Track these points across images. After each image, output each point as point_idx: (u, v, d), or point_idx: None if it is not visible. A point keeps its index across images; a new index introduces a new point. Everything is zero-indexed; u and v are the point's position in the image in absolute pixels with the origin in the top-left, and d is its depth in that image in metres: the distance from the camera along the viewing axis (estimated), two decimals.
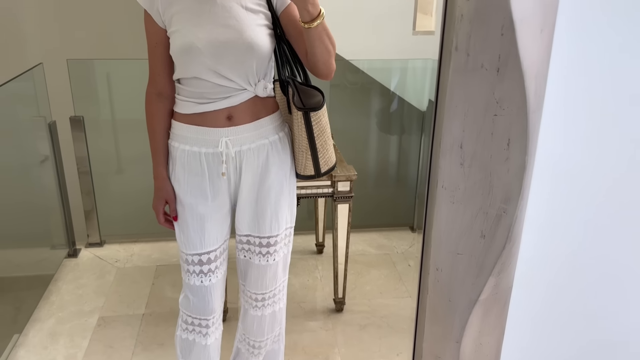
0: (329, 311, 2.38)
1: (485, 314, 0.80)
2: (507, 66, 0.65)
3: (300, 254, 2.84)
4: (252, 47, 1.31)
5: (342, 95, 3.21)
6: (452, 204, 0.73)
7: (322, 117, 1.40)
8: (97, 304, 2.43)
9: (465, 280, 0.77)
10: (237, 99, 1.37)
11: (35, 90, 2.62)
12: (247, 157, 1.41)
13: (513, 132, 0.68)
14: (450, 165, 0.71)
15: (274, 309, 1.61)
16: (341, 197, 2.20)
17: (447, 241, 0.75)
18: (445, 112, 0.69)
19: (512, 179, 0.71)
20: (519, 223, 0.75)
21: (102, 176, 2.96)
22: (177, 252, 2.85)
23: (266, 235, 1.49)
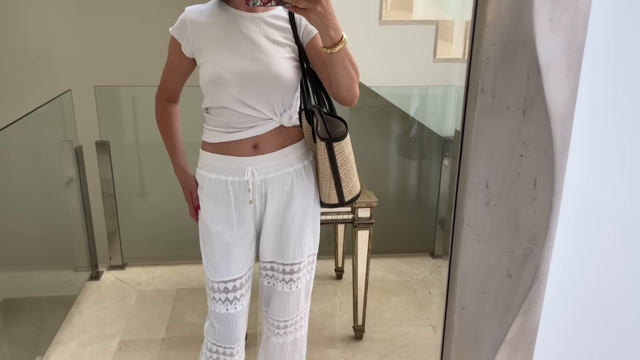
0: (348, 339, 2.36)
1: (511, 354, 0.79)
2: (533, 108, 0.65)
3: (320, 279, 2.84)
4: (279, 79, 1.35)
5: (361, 119, 3.23)
6: (478, 242, 0.73)
7: (345, 148, 1.42)
8: (119, 327, 2.45)
9: (492, 319, 0.76)
10: (262, 129, 1.40)
11: (63, 115, 2.70)
12: (272, 185, 1.44)
13: (539, 173, 0.69)
14: (477, 204, 0.71)
15: (296, 336, 1.62)
16: (361, 224, 2.20)
17: (473, 280, 0.75)
18: (471, 152, 0.69)
19: (539, 219, 0.71)
20: (545, 262, 0.74)
21: (125, 199, 3.01)
22: (197, 276, 2.88)
23: (290, 262, 1.50)
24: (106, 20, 3.63)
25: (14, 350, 2.11)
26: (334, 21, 1.23)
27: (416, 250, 3.15)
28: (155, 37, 3.65)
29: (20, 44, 3.60)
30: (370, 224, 2.21)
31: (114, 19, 3.63)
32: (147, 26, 3.63)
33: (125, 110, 3.09)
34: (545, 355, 0.84)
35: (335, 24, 1.23)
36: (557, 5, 0.60)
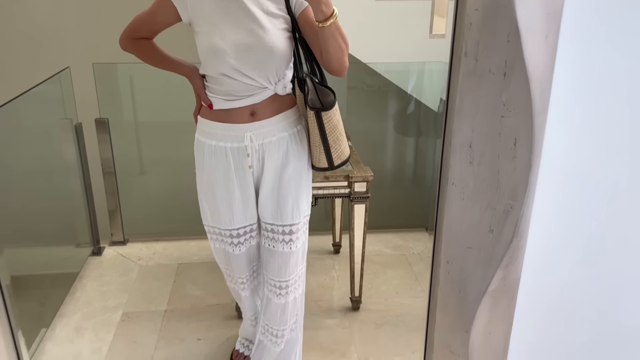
0: (345, 309, 2.42)
1: (494, 305, 0.84)
2: (513, 71, 0.69)
3: (318, 253, 2.89)
4: (273, 51, 1.42)
5: (359, 97, 3.25)
6: (462, 200, 0.77)
7: (333, 116, 1.50)
8: (121, 301, 2.51)
9: (475, 272, 0.81)
10: (259, 97, 1.49)
11: (62, 93, 2.72)
12: (269, 150, 1.54)
13: (519, 133, 0.73)
14: (460, 163, 0.75)
15: (295, 295, 1.73)
16: (358, 198, 2.24)
17: (457, 235, 0.80)
18: (455, 114, 0.73)
19: (519, 177, 0.75)
20: (525, 218, 0.79)
21: (125, 177, 3.05)
22: (197, 251, 2.93)
23: (288, 223, 1.61)
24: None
25: (20, 323, 2.17)
26: None
27: (412, 226, 3.21)
28: None
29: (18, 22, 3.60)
30: (367, 197, 2.25)
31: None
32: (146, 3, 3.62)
33: (124, 88, 3.11)
34: (528, 309, 0.89)
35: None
36: None
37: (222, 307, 2.43)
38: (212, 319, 2.35)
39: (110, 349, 2.19)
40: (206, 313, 2.40)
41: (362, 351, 2.15)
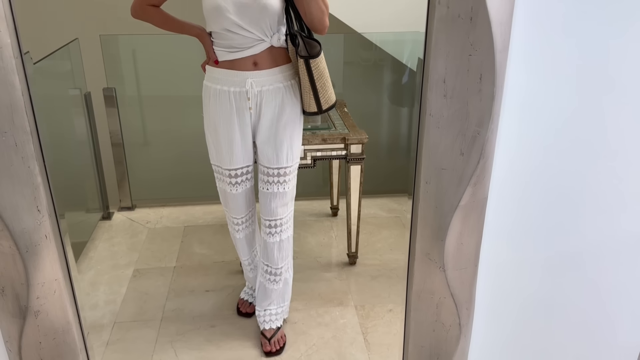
0: (342, 264, 2.60)
1: (465, 218, 0.99)
2: (477, 15, 0.84)
3: (317, 216, 3.06)
4: (266, 7, 1.65)
5: (355, 71, 3.38)
6: (437, 128, 0.92)
7: (320, 63, 1.72)
8: (132, 259, 2.67)
9: (448, 190, 0.97)
10: (258, 48, 1.71)
11: (71, 64, 2.84)
12: (266, 97, 1.76)
13: (484, 69, 0.87)
14: (436, 97, 0.90)
15: (288, 234, 1.96)
16: (354, 159, 2.40)
17: (434, 159, 0.95)
18: (432, 54, 0.88)
19: (484, 107, 0.90)
20: (490, 143, 0.94)
21: (132, 146, 3.19)
22: (202, 215, 3.10)
23: (283, 166, 1.83)
24: None
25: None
26: None
27: (407, 191, 3.36)
28: None
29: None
30: (362, 159, 2.41)
31: None
32: None
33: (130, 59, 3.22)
34: (495, 221, 1.05)
35: None
36: None
37: (228, 264, 2.60)
38: (219, 274, 2.53)
39: (125, 299, 2.36)
40: (213, 268, 2.57)
41: (359, 299, 2.33)
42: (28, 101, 0.86)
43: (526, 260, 1.12)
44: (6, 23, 0.79)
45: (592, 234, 1.11)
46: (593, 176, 1.05)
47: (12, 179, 0.88)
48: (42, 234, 0.93)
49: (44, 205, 0.93)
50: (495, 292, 1.15)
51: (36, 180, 0.91)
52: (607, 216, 1.10)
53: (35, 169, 0.90)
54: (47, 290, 1.00)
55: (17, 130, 0.86)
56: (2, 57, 0.80)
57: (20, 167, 0.88)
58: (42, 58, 2.51)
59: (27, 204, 0.91)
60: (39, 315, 1.02)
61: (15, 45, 0.81)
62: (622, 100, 1.01)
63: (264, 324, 2.04)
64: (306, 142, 2.35)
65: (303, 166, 2.40)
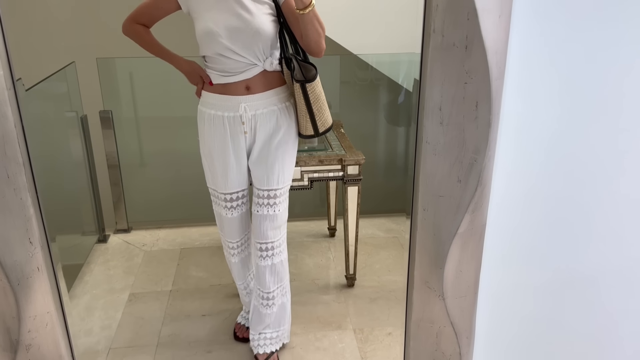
0: (341, 286, 2.57)
1: (464, 246, 0.98)
2: (473, 44, 0.83)
3: (314, 237, 3.04)
4: (259, 32, 1.65)
5: (352, 91, 3.40)
6: (434, 155, 0.92)
7: (316, 87, 1.71)
8: (127, 283, 2.64)
9: (446, 217, 0.96)
10: (251, 73, 1.71)
11: (68, 87, 2.85)
12: (260, 120, 1.76)
13: (480, 96, 0.87)
14: (432, 124, 0.90)
15: (281, 258, 1.92)
16: (351, 180, 2.39)
17: (431, 186, 0.94)
18: (427, 82, 0.88)
19: (480, 134, 0.90)
20: (487, 170, 0.93)
21: (128, 168, 3.18)
22: (199, 237, 3.07)
23: (273, 188, 1.82)
24: None
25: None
26: None
27: (404, 211, 3.35)
28: None
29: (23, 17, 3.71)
30: (359, 180, 2.40)
31: None
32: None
33: (126, 82, 3.23)
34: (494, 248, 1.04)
35: None
36: None
37: (225, 287, 2.57)
38: (215, 297, 2.50)
39: (120, 325, 2.32)
40: (210, 292, 2.54)
41: (357, 322, 2.30)
42: (21, 132, 0.85)
43: (526, 287, 1.11)
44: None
45: (592, 258, 1.10)
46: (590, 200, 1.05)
47: (4, 211, 0.87)
48: (34, 266, 0.91)
49: (36, 237, 0.92)
50: (495, 320, 1.13)
51: (28, 212, 0.90)
52: (606, 240, 1.09)
53: (27, 200, 0.89)
54: (39, 324, 0.98)
55: (9, 162, 0.85)
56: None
57: (13, 199, 0.87)
58: (39, 82, 2.51)
59: (19, 236, 0.90)
60: (30, 349, 1.00)
61: (8, 76, 0.81)
62: (618, 124, 1.01)
63: (257, 348, 2.02)
64: (303, 164, 2.35)
65: (300, 187, 2.39)
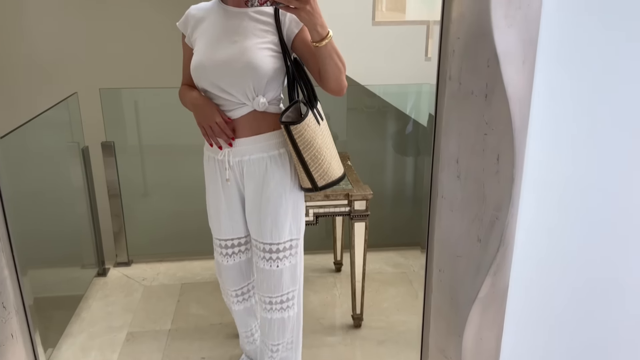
0: (347, 327, 2.46)
1: (484, 311, 0.89)
2: (493, 93, 0.75)
3: (319, 272, 2.94)
4: (249, 66, 1.48)
5: (358, 119, 3.33)
6: (451, 212, 0.83)
7: (304, 132, 1.50)
8: (126, 320, 2.54)
9: (465, 280, 0.87)
10: (238, 112, 1.56)
11: (70, 117, 2.80)
12: (247, 167, 1.60)
13: (501, 149, 0.79)
14: (448, 177, 0.81)
15: (283, 315, 1.75)
16: (358, 216, 2.30)
17: (447, 245, 0.85)
18: (442, 132, 0.80)
19: (502, 190, 0.81)
20: (510, 228, 0.84)
21: (129, 199, 3.11)
22: (200, 271, 2.99)
23: (268, 242, 1.66)
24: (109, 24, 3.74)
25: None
26: (321, 19, 1.39)
27: (413, 244, 3.25)
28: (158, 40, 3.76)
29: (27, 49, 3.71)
30: (366, 215, 2.31)
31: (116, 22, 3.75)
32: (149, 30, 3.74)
33: (129, 112, 3.19)
34: (517, 315, 0.94)
35: (322, 21, 1.40)
36: (511, 3, 0.70)
37: (225, 326, 2.46)
38: (216, 338, 2.39)
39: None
40: (210, 332, 2.44)
41: None
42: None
43: (552, 356, 1.00)
44: None
45: (624, 325, 1.00)
46: (624, 264, 0.95)
47: None
48: (7, 332, 0.83)
49: (10, 301, 0.83)
50: None
51: (2, 274, 0.82)
52: (639, 307, 0.99)
53: (1, 261, 0.81)
54: None
55: None
56: None
57: None
58: (40, 113, 2.47)
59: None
60: None
61: None
62: None
63: None
64: (308, 199, 2.26)
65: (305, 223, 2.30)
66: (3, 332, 0.82)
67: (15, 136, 2.17)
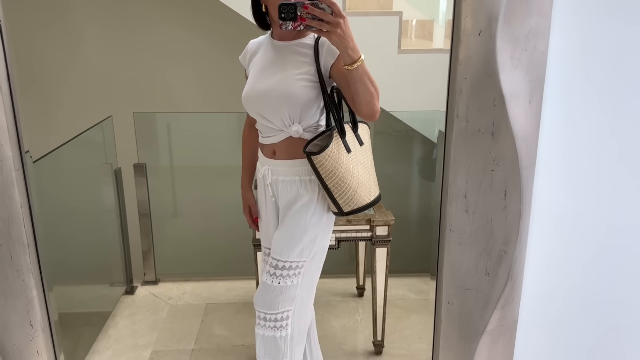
0: (368, 354, 2.45)
1: (493, 344, 0.89)
2: (500, 131, 0.78)
3: (342, 296, 2.94)
4: (285, 96, 1.59)
5: (386, 143, 3.36)
6: (459, 245, 0.84)
7: (325, 162, 1.57)
8: (151, 339, 2.59)
9: (473, 312, 0.87)
10: (277, 138, 1.67)
11: (104, 139, 2.91)
12: (282, 187, 1.72)
13: (509, 185, 0.80)
14: (457, 211, 0.83)
15: (275, 334, 1.73)
16: (379, 241, 2.31)
17: (456, 278, 0.87)
18: (450, 168, 0.82)
19: (510, 224, 0.82)
20: (519, 262, 0.85)
21: (159, 219, 3.20)
22: (225, 292, 3.02)
23: (276, 257, 1.71)
24: (144, 51, 3.89)
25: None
26: (352, 42, 1.44)
27: None
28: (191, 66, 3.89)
29: (63, 73, 3.88)
30: (388, 241, 2.32)
31: (150, 49, 3.89)
32: (182, 56, 3.87)
33: (161, 135, 3.30)
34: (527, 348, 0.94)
35: (353, 45, 1.44)
36: (517, 46, 0.73)
37: (247, 348, 2.49)
38: (237, 359, 2.41)
39: None
40: (231, 353, 2.46)
41: None
42: (27, 212, 0.83)
43: None
44: (8, 135, 0.77)
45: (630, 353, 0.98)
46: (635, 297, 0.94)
47: (5, 294, 0.84)
48: (33, 350, 0.87)
49: (37, 320, 0.88)
50: None
51: (30, 294, 0.87)
52: None
53: (30, 281, 0.86)
54: None
55: (13, 243, 0.83)
56: (2, 170, 0.78)
57: (15, 280, 0.84)
58: (76, 135, 2.58)
59: (20, 319, 0.87)
60: None
61: (17, 156, 0.79)
62: None
63: None
64: None
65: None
66: (29, 349, 0.87)
67: (51, 157, 2.28)
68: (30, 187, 0.83)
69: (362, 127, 1.77)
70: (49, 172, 2.38)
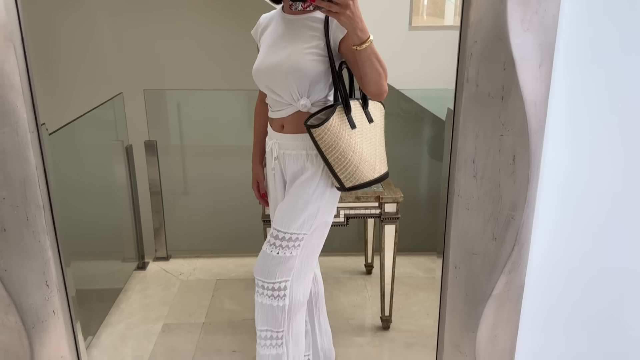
0: (375, 329, 2.47)
1: (499, 309, 0.90)
2: (510, 95, 0.78)
3: (350, 273, 2.96)
4: (292, 69, 1.59)
5: (396, 124, 3.35)
6: (467, 210, 0.85)
7: (324, 135, 1.57)
8: (162, 313, 2.64)
9: (480, 277, 0.88)
10: (286, 112, 1.69)
11: (115, 117, 2.93)
12: (287, 161, 1.73)
13: (517, 150, 0.81)
14: (465, 177, 0.84)
15: (272, 303, 1.74)
16: (388, 218, 2.32)
17: (463, 243, 0.87)
18: (460, 133, 0.82)
19: (518, 190, 0.83)
20: (526, 228, 0.86)
21: (170, 196, 3.23)
22: (235, 268, 3.06)
23: (277, 228, 1.72)
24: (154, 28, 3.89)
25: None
26: (361, 23, 1.44)
27: None
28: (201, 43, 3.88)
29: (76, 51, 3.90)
30: (397, 218, 2.33)
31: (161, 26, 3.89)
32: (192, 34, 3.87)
33: (172, 113, 3.31)
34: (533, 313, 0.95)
35: (362, 25, 1.45)
36: (527, 8, 0.72)
37: None
38: (247, 333, 2.45)
39: (151, 356, 2.31)
40: (242, 327, 2.50)
41: None
42: (42, 175, 0.85)
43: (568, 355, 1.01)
44: (23, 98, 0.78)
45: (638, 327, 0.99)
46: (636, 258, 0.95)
47: (22, 254, 0.86)
48: (49, 309, 0.90)
49: (53, 280, 0.91)
50: None
51: (46, 255, 0.89)
52: None
53: (46, 243, 0.88)
54: None
55: (29, 205, 0.84)
56: (18, 131, 0.80)
57: (31, 241, 0.86)
58: (87, 112, 2.60)
59: (36, 279, 0.89)
60: None
61: (32, 120, 0.81)
62: None
63: None
64: (340, 200, 2.30)
65: (336, 224, 2.34)
66: (46, 309, 0.90)
67: (63, 132, 2.30)
68: (45, 150, 0.85)
69: (375, 105, 1.78)
70: (61, 148, 2.40)
